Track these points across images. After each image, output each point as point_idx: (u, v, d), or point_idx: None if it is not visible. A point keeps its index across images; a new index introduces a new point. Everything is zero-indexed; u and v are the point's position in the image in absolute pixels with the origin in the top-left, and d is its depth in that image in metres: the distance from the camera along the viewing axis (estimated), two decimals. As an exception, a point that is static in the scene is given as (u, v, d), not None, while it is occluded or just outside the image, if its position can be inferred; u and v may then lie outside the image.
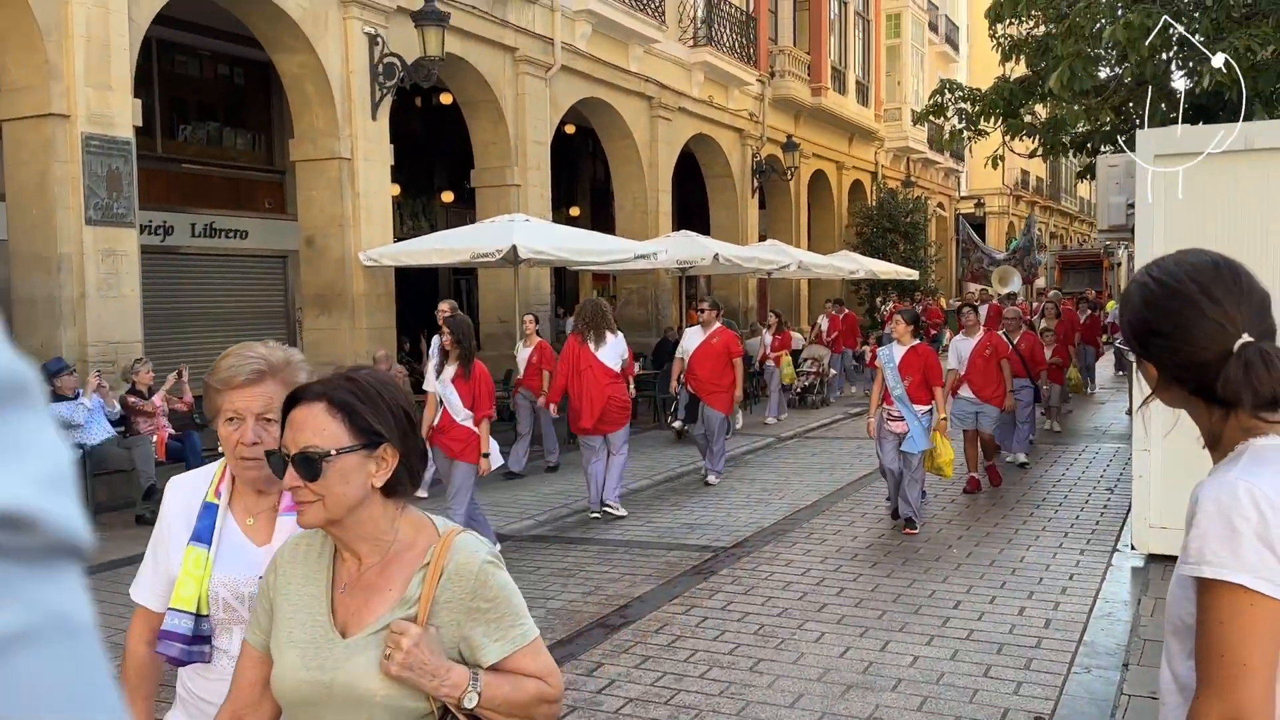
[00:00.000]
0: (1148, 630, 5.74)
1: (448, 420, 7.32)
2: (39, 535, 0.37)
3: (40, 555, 0.37)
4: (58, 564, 0.37)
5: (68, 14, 8.86)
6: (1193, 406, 1.53)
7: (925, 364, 8.07)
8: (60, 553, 0.38)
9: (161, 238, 13.70)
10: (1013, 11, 11.96)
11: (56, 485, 0.38)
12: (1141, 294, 1.54)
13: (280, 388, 2.00)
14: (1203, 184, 6.69)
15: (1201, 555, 1.39)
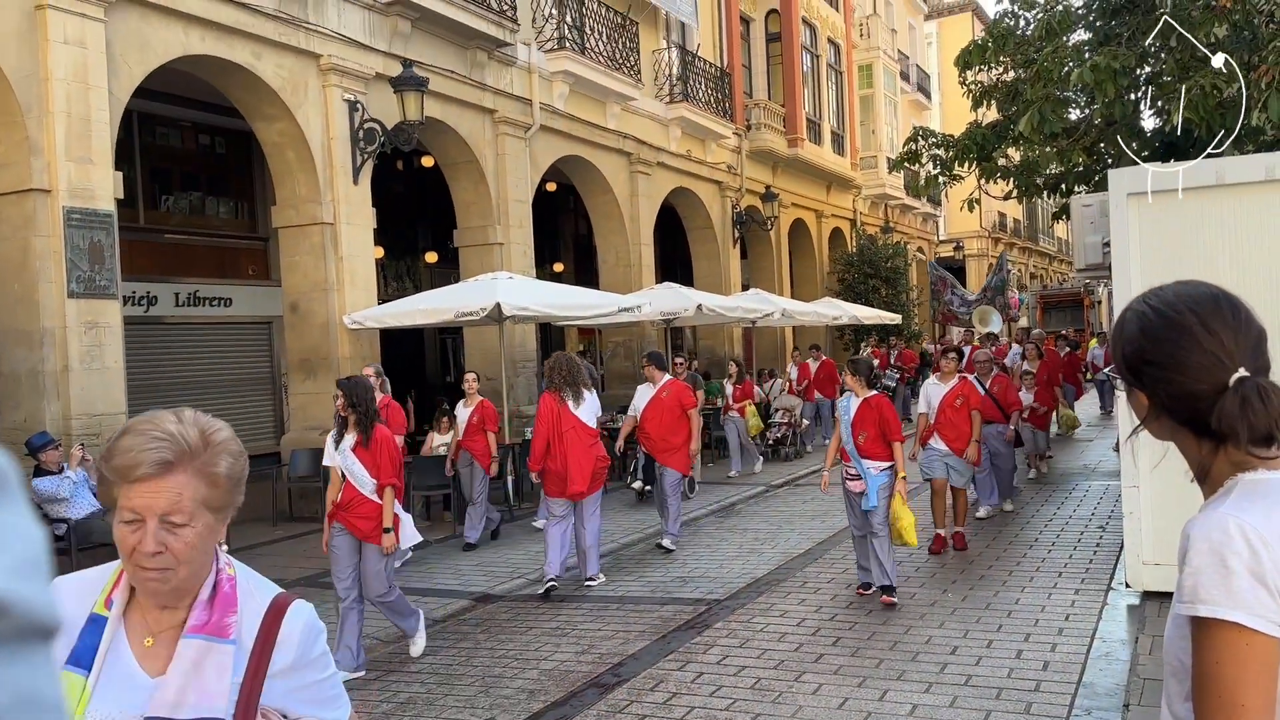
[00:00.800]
0: (1147, 669, 5.70)
1: (351, 495, 6.41)
2: (10, 620, 0.38)
3: (11, 638, 0.37)
4: (28, 645, 0.38)
5: (48, 91, 8.94)
6: (1182, 439, 1.51)
7: (880, 417, 7.45)
8: (30, 634, 0.38)
9: (145, 308, 13.68)
10: (981, 59, 12.19)
11: (28, 571, 0.39)
12: (1138, 323, 1.52)
13: (194, 480, 1.58)
14: (1177, 219, 6.78)
15: (1195, 594, 1.36)
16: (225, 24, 10.63)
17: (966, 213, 15.91)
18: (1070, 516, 10.44)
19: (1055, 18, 11.38)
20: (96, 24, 9.32)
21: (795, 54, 24.94)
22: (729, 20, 22.55)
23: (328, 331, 12.02)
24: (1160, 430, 1.53)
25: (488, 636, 7.14)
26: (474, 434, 10.38)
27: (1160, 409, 1.50)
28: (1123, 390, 1.63)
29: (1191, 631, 1.38)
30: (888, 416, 7.44)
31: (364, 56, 12.36)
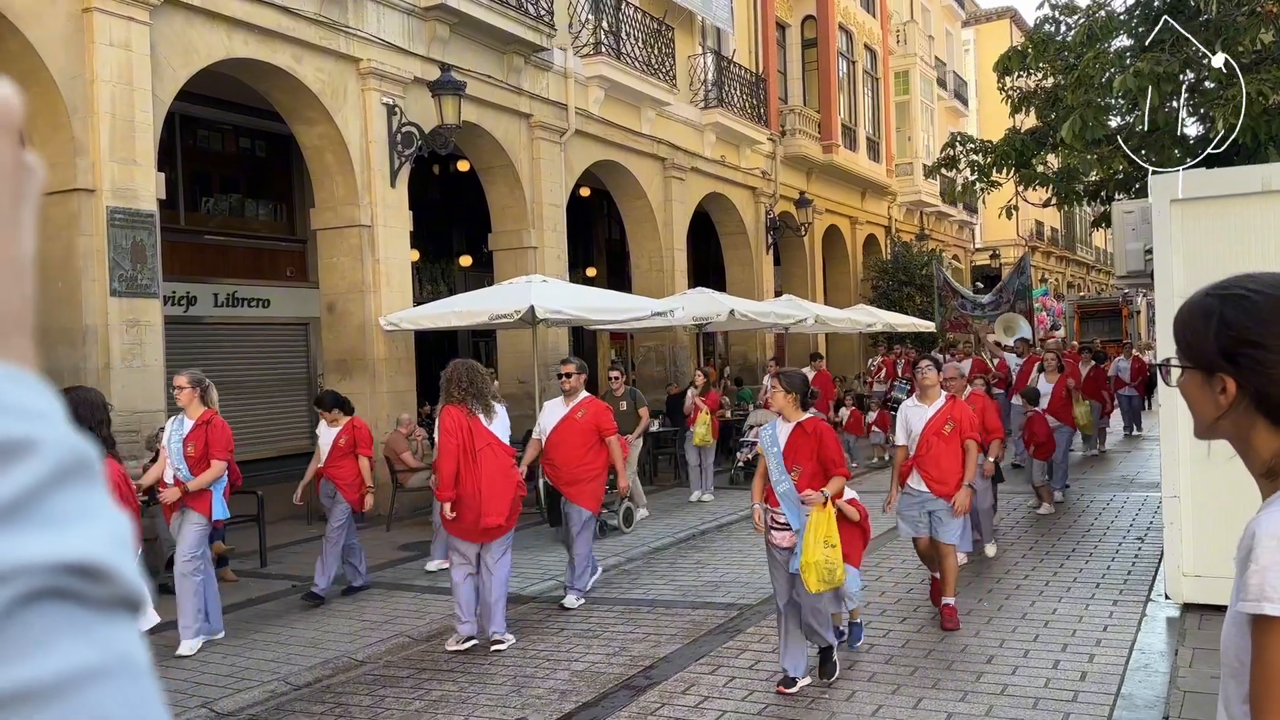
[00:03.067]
0: (1187, 681, 5.60)
1: None
2: (112, 586, 0.43)
3: (111, 605, 0.43)
4: (123, 614, 0.43)
5: (93, 92, 9.08)
6: (1256, 434, 1.44)
7: (819, 446, 5.75)
8: (125, 604, 0.43)
9: (185, 308, 13.86)
10: (1021, 64, 12.11)
11: (123, 546, 0.44)
12: (1239, 305, 1.45)
13: None
14: (1221, 226, 6.68)
15: (1263, 591, 1.32)
16: (267, 27, 10.76)
17: (1003, 220, 15.80)
18: (1108, 527, 10.30)
19: (1097, 23, 11.27)
20: (142, 27, 9.47)
21: (831, 60, 24.86)
22: (765, 26, 22.52)
23: (364, 333, 12.11)
24: (1227, 427, 1.47)
25: (519, 637, 7.15)
26: (340, 459, 8.45)
27: (1249, 397, 1.43)
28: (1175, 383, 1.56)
29: (1253, 631, 1.34)
30: (829, 445, 5.78)
31: (403, 60, 12.47)
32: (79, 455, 0.44)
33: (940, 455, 6.98)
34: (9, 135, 0.46)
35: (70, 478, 0.43)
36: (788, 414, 5.86)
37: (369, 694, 6.12)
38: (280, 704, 6.02)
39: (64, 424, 0.45)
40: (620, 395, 11.82)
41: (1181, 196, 6.81)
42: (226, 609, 7.61)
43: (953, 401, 7.22)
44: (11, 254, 0.45)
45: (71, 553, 0.41)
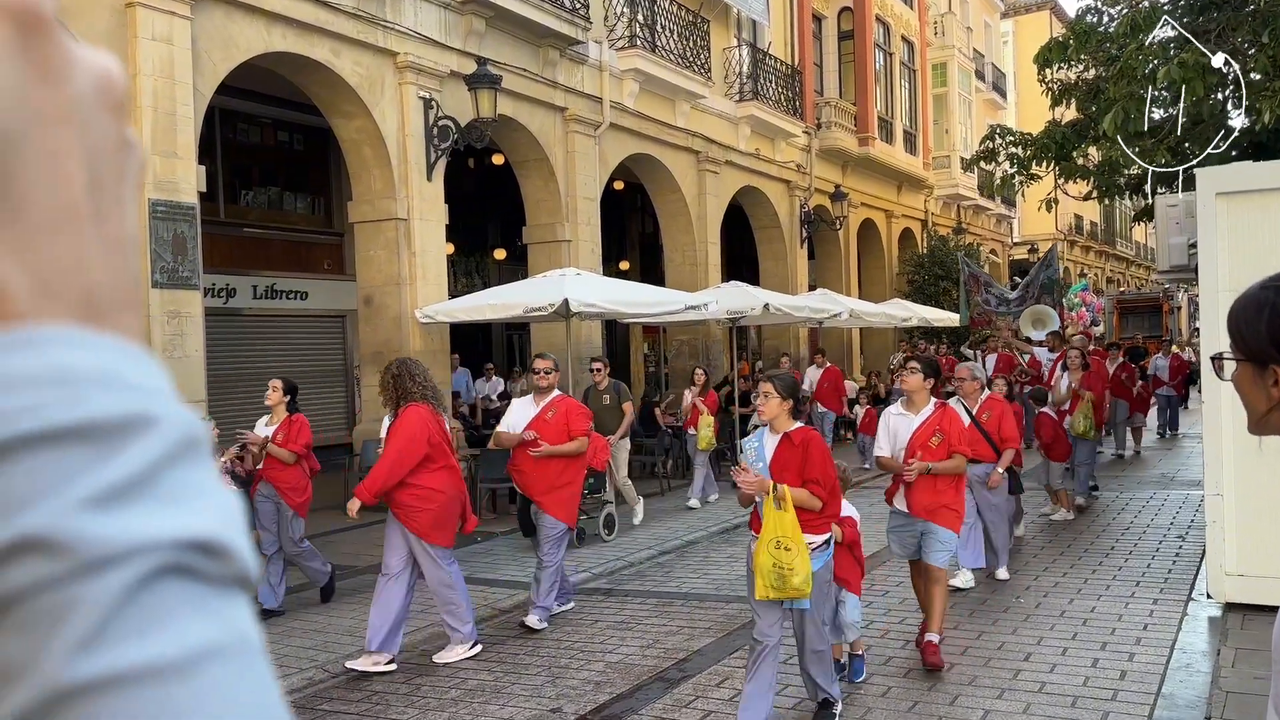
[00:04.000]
0: (1229, 682, 5.52)
1: None
2: (230, 564, 0.42)
3: (229, 582, 0.43)
4: (239, 592, 0.43)
5: (136, 86, 9.20)
6: None
7: (804, 461, 4.98)
8: (241, 583, 0.43)
9: (224, 300, 14.03)
10: (1062, 56, 11.95)
11: (238, 524, 0.44)
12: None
13: None
14: (1267, 220, 6.56)
15: None
16: (306, 21, 10.85)
17: (1043, 213, 15.62)
18: (1148, 525, 10.17)
19: (1140, 14, 11.10)
20: (183, 21, 9.58)
21: (868, 52, 24.67)
22: (801, 18, 22.38)
23: (400, 325, 12.20)
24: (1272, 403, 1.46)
25: (554, 628, 7.18)
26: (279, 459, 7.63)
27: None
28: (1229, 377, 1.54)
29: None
30: (814, 459, 5.00)
31: (439, 54, 12.52)
32: (192, 432, 0.44)
33: (924, 476, 6.04)
34: (114, 112, 0.46)
35: (185, 454, 0.43)
36: (778, 424, 5.09)
37: (405, 682, 6.17)
38: (318, 691, 6.09)
39: (176, 400, 0.45)
40: (603, 390, 11.00)
41: (1227, 190, 6.69)
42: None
43: (942, 410, 6.16)
44: (118, 233, 0.46)
45: (193, 529, 0.41)
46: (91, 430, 0.41)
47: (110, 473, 0.40)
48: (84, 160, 0.44)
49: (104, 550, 0.39)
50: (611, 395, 10.93)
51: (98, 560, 0.39)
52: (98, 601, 0.39)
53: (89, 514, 0.39)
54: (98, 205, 0.44)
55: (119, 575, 0.39)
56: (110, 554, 0.39)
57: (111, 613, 0.39)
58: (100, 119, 0.45)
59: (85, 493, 0.40)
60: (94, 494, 0.40)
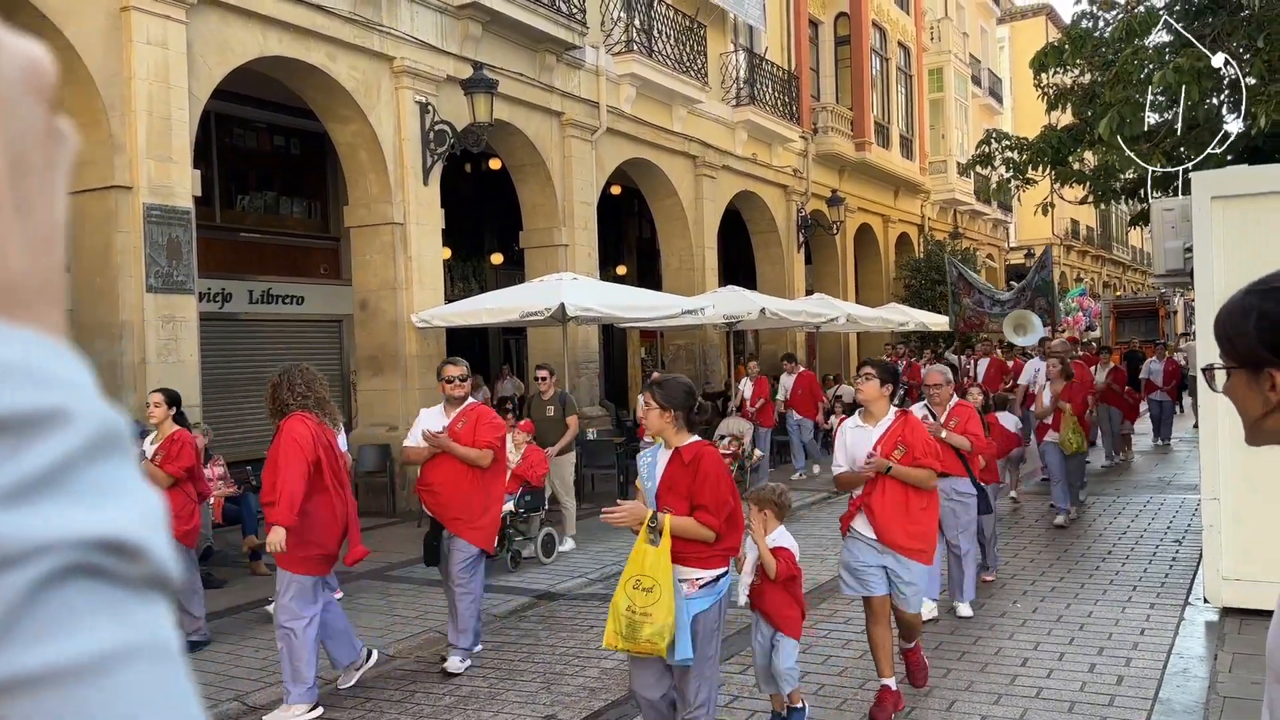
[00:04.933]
0: (1227, 687, 5.50)
1: None
2: (145, 565, 0.41)
3: (143, 584, 0.42)
4: (154, 594, 0.42)
5: (130, 90, 9.18)
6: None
7: (693, 482, 4.28)
8: (156, 585, 0.42)
9: (220, 304, 14.00)
10: (1058, 61, 11.96)
11: (156, 523, 0.43)
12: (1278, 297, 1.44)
13: None
14: (1263, 224, 6.56)
15: None
16: (302, 26, 10.83)
17: (1039, 218, 15.64)
18: (1145, 529, 10.16)
19: (1136, 19, 11.11)
20: (178, 25, 9.56)
21: (864, 57, 24.70)
22: (797, 23, 22.40)
23: (396, 330, 12.18)
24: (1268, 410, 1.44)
25: (549, 634, 7.16)
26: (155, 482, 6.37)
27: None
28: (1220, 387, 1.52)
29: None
30: (705, 481, 4.25)
31: (436, 59, 12.51)
32: (112, 428, 0.43)
33: (890, 493, 5.31)
34: (40, 99, 0.44)
35: (103, 451, 0.42)
36: (667, 437, 4.39)
37: (399, 689, 6.14)
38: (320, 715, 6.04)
39: (96, 395, 0.44)
40: (548, 400, 10.16)
41: (1222, 194, 6.69)
42: (257, 603, 7.69)
43: (903, 419, 5.42)
44: (45, 224, 0.44)
45: (104, 528, 0.40)
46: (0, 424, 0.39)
47: (18, 468, 0.39)
48: (4, 148, 0.42)
49: (7, 548, 0.38)
50: (556, 406, 10.07)
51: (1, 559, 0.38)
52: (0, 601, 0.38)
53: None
54: (21, 195, 0.43)
55: (23, 574, 0.38)
56: (13, 552, 0.38)
57: (14, 614, 0.38)
58: (25, 106, 0.43)
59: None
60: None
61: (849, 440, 5.51)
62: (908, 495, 5.33)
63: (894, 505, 5.31)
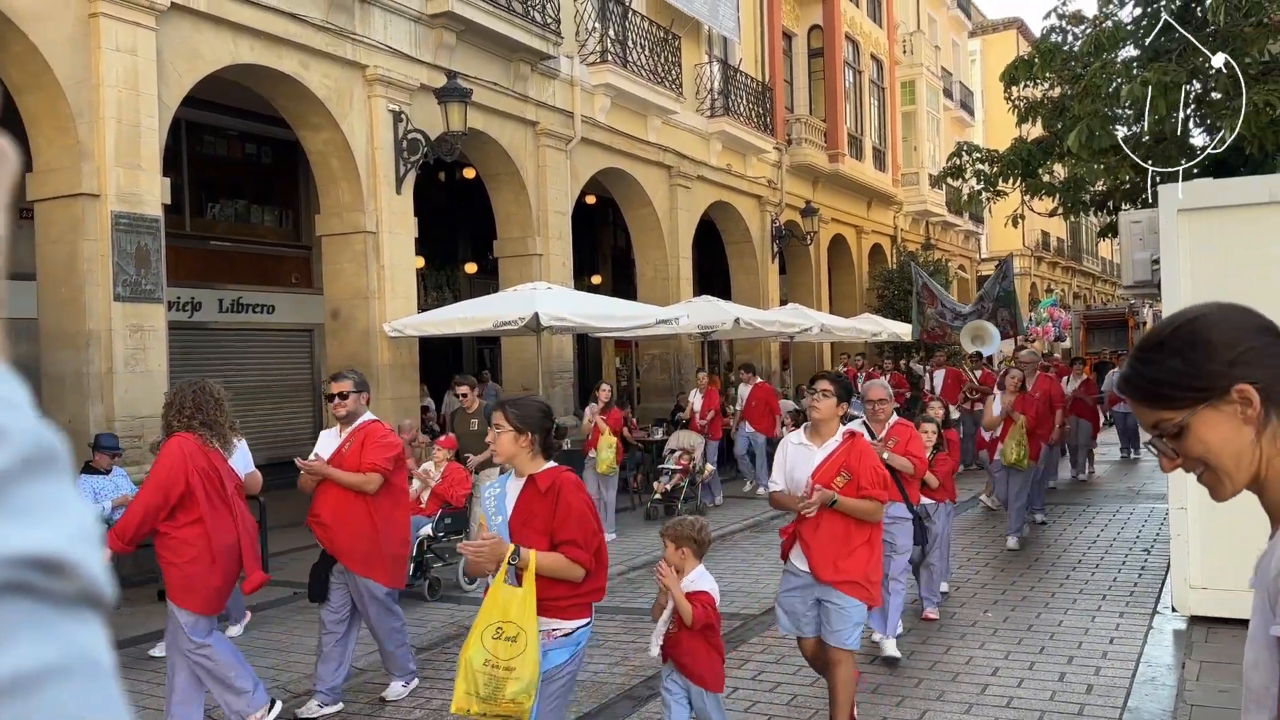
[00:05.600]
0: (1194, 695, 5.55)
1: None
2: (74, 581, 0.41)
3: (72, 601, 0.41)
4: (86, 611, 0.41)
5: (99, 97, 9.09)
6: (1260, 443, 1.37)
7: (553, 513, 3.74)
8: (88, 601, 0.42)
9: (189, 313, 13.87)
10: (1028, 74, 12.08)
11: (89, 540, 0.42)
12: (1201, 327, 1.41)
13: None
14: (1228, 236, 6.65)
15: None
16: (274, 34, 10.77)
17: (1010, 229, 15.78)
18: (1114, 539, 10.24)
19: (1104, 34, 11.25)
20: (148, 32, 9.48)
21: (837, 69, 24.87)
22: (771, 35, 22.53)
23: (368, 339, 12.10)
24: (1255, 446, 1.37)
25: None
26: None
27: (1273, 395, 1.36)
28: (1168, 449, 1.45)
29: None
30: (567, 511, 3.72)
31: (409, 68, 12.48)
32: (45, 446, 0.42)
33: (828, 523, 4.80)
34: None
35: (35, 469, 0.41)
36: (520, 464, 3.83)
37: (368, 702, 6.08)
38: (280, 711, 5.97)
39: (31, 413, 0.43)
40: (472, 414, 9.57)
41: (1188, 206, 6.77)
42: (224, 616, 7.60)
43: (851, 442, 4.90)
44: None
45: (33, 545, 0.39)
46: None
47: None
48: None
49: None
50: (481, 420, 9.21)
51: None
52: None
53: None
54: None
55: None
56: None
57: None
58: None
59: None
60: None
61: (790, 458, 5.00)
62: (848, 527, 4.79)
63: (831, 537, 4.78)
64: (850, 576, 4.80)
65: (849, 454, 4.85)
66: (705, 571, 4.52)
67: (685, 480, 12.15)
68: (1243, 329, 1.39)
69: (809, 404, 5.08)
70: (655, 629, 4.44)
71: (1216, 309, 1.43)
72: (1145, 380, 1.45)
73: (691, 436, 12.82)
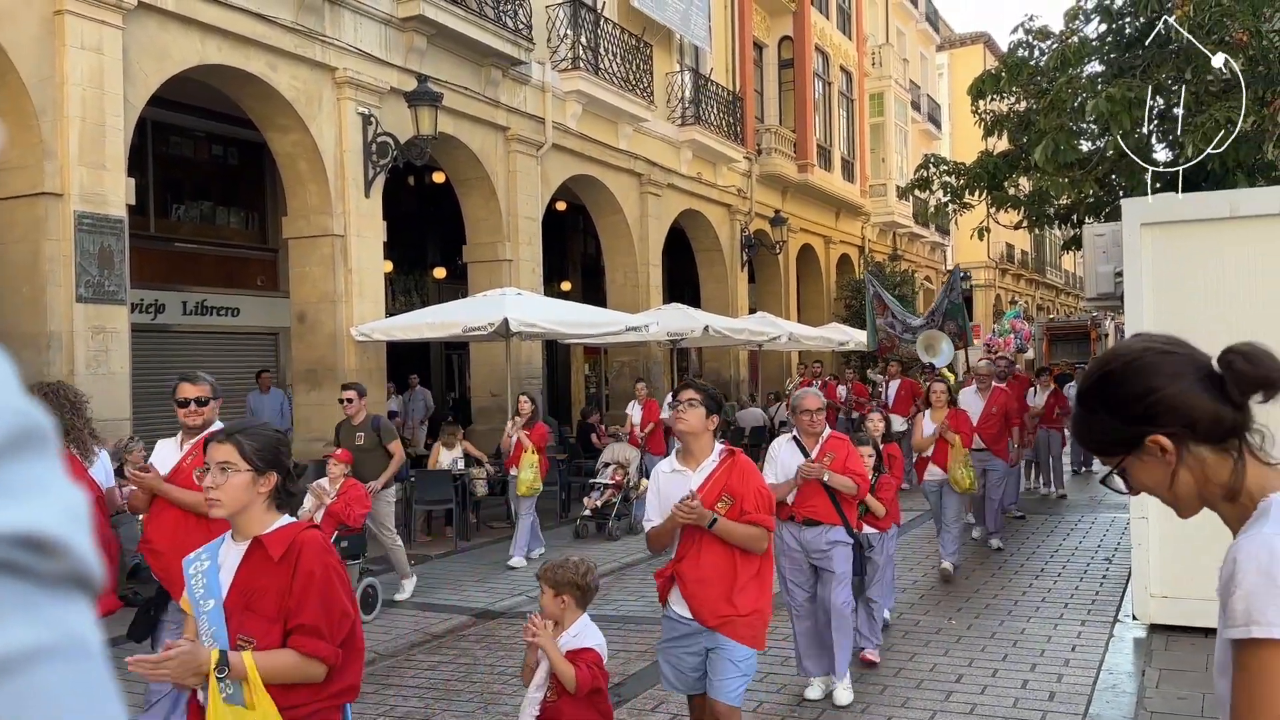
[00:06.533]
0: (1154, 703, 5.62)
1: None
2: (63, 562, 0.40)
3: (61, 581, 0.40)
4: (75, 592, 0.41)
5: (63, 95, 8.97)
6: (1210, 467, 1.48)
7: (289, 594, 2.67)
8: (78, 583, 0.41)
9: (153, 315, 13.69)
10: (995, 88, 12.25)
11: (78, 521, 0.41)
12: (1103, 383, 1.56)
13: None
14: (1190, 250, 6.76)
15: (1249, 615, 1.33)
16: (242, 34, 10.68)
17: (975, 242, 15.94)
18: (1076, 548, 10.36)
19: (1070, 49, 11.42)
20: (114, 31, 9.37)
21: (807, 80, 25.05)
22: (742, 45, 22.65)
23: (335, 343, 12.01)
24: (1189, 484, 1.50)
25: (487, 653, 7.08)
26: None
27: (1184, 441, 1.48)
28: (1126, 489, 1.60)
29: (1239, 655, 1.34)
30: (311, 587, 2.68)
31: (379, 70, 12.41)
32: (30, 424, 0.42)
33: (710, 556, 4.15)
34: None
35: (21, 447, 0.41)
36: (246, 521, 2.76)
37: (333, 709, 6.01)
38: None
39: (17, 392, 0.42)
40: (357, 425, 8.75)
41: (1151, 220, 6.88)
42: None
43: (730, 461, 4.22)
44: None
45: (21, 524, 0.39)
46: None
47: None
48: None
49: None
50: (369, 433, 8.63)
51: None
52: None
53: None
54: None
55: None
56: None
57: None
58: None
59: None
60: None
61: (663, 489, 4.28)
62: (734, 560, 4.11)
63: (716, 574, 4.14)
64: (741, 613, 4.12)
65: (730, 474, 4.18)
66: (590, 623, 3.88)
67: (618, 496, 11.43)
68: (1156, 375, 1.49)
69: (673, 417, 4.30)
70: (527, 698, 3.71)
71: (1139, 351, 1.54)
72: (1084, 435, 1.61)
73: (627, 450, 12.15)
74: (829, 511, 5.75)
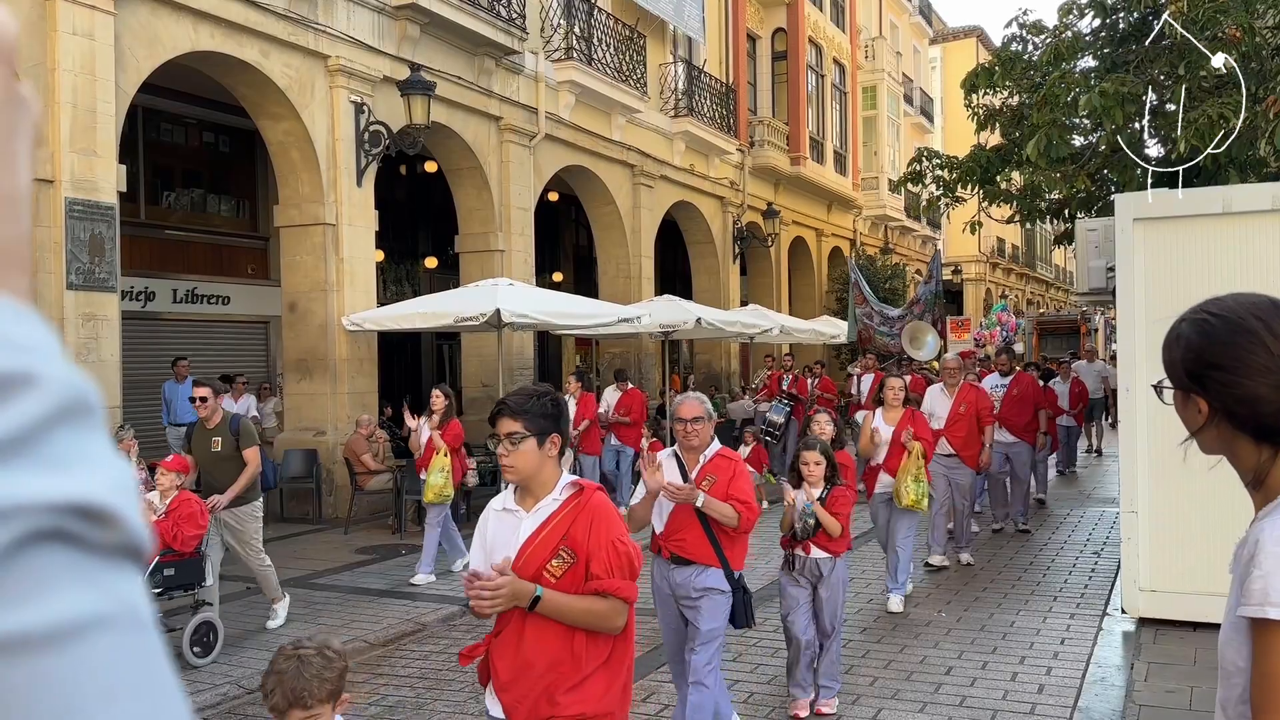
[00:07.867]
0: (1143, 696, 5.66)
1: None
2: (117, 532, 0.40)
3: (115, 552, 0.40)
4: (126, 562, 0.41)
5: (54, 81, 8.91)
6: (1239, 445, 1.51)
7: None
8: (129, 553, 0.41)
9: (143, 303, 13.64)
10: (988, 82, 12.25)
11: (128, 492, 0.42)
12: (1200, 328, 1.54)
13: None
14: (1182, 246, 6.79)
15: (1266, 596, 1.37)
16: (235, 21, 10.62)
17: (967, 235, 15.99)
18: (1066, 541, 10.41)
19: (1063, 44, 11.42)
20: (106, 16, 9.31)
21: (800, 73, 25.02)
22: (735, 37, 22.62)
23: (326, 332, 11.97)
24: (1213, 440, 1.53)
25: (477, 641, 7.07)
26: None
27: (1220, 415, 1.50)
28: (1170, 401, 1.62)
29: (1255, 634, 1.38)
30: None
31: (372, 59, 12.36)
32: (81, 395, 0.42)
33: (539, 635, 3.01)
34: (2, 64, 0.44)
35: (72, 417, 0.41)
36: None
37: (324, 699, 6.01)
38: (233, 707, 5.91)
39: (66, 362, 0.43)
40: (212, 429, 7.23)
41: (1144, 215, 6.90)
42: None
43: (578, 499, 3.09)
44: (8, 189, 0.43)
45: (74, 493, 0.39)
46: None
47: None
48: None
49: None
50: (225, 438, 7.22)
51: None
52: None
53: None
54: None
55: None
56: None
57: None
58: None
59: None
60: None
61: (490, 533, 3.21)
62: (571, 643, 2.97)
63: (546, 662, 2.98)
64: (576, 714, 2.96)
65: (575, 521, 3.04)
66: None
67: None
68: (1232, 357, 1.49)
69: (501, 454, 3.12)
70: None
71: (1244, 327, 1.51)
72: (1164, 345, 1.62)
73: None
74: (703, 548, 4.63)
